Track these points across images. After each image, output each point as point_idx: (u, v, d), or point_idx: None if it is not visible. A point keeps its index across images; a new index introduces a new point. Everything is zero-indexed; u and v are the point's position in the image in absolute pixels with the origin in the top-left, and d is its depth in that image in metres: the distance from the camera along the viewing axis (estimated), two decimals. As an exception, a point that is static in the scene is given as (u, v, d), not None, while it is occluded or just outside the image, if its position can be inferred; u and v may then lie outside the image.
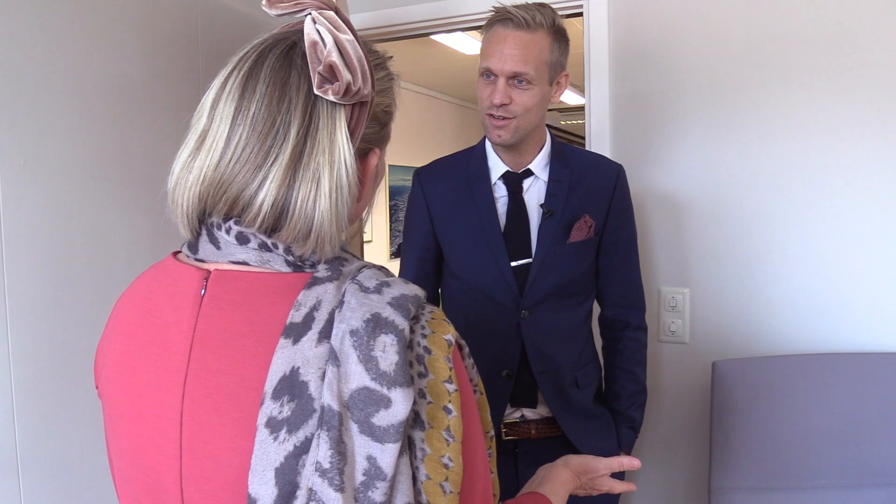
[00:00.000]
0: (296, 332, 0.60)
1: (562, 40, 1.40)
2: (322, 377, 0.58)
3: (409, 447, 0.59)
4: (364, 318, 0.59)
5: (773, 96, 1.73)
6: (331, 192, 0.63)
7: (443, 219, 1.51)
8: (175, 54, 1.61)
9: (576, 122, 7.49)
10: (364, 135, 0.68)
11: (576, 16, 1.93)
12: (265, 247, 0.64)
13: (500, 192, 1.48)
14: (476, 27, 2.02)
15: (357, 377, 0.57)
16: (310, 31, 0.64)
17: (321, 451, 0.56)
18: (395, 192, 5.72)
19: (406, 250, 1.60)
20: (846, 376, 1.54)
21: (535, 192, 1.48)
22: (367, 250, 5.07)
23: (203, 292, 0.65)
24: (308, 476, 0.56)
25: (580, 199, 1.46)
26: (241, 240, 0.65)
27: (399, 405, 0.57)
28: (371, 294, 0.61)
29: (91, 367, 0.88)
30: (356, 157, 0.66)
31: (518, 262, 1.44)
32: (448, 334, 0.63)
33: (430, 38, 3.75)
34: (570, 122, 7.63)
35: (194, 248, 0.69)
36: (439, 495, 0.60)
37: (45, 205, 1.29)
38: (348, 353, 0.58)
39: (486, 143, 1.51)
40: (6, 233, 1.22)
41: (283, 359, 0.59)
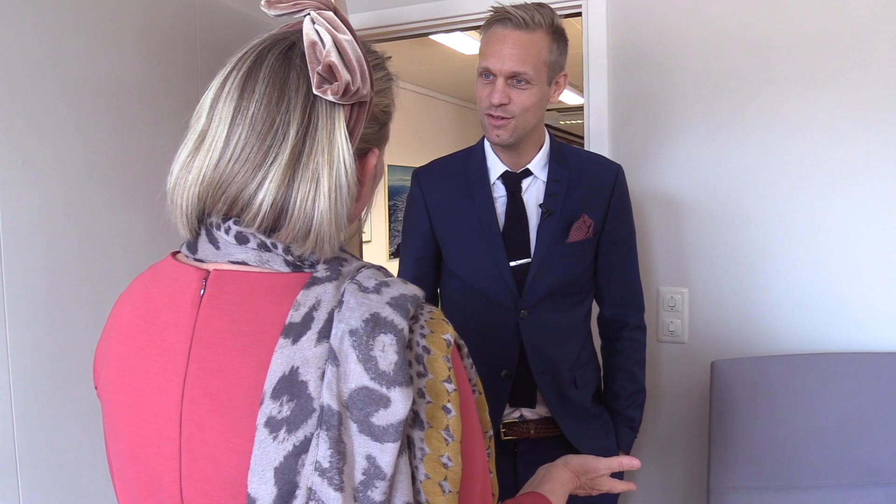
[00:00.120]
0: (295, 332, 0.60)
1: (561, 40, 1.40)
2: (321, 377, 0.58)
3: (409, 447, 0.60)
4: (363, 317, 0.59)
5: (772, 96, 1.73)
6: (330, 192, 0.63)
7: (441, 219, 1.51)
8: (174, 54, 1.61)
9: (575, 122, 7.50)
10: (363, 135, 0.68)
11: (574, 16, 1.93)
12: (264, 247, 0.65)
13: (499, 192, 1.48)
14: (475, 27, 2.02)
15: (356, 377, 0.58)
16: (309, 31, 0.64)
17: (320, 450, 0.56)
18: (394, 192, 5.72)
19: (405, 250, 1.60)
20: (845, 376, 1.55)
21: (533, 192, 1.48)
22: (366, 250, 5.06)
23: (202, 292, 0.65)
24: (307, 475, 0.56)
25: (579, 199, 1.46)
26: (241, 240, 0.65)
27: (398, 405, 0.57)
28: (370, 294, 0.61)
29: (90, 367, 0.88)
30: (355, 157, 0.66)
31: (517, 262, 1.44)
32: (447, 334, 0.64)
33: (429, 38, 3.75)
34: (568, 121, 7.64)
35: (193, 248, 0.69)
36: (438, 495, 0.60)
37: (43, 205, 1.29)
38: (347, 352, 0.58)
39: (485, 142, 1.51)
40: (5, 233, 1.22)
41: (283, 358, 0.59)
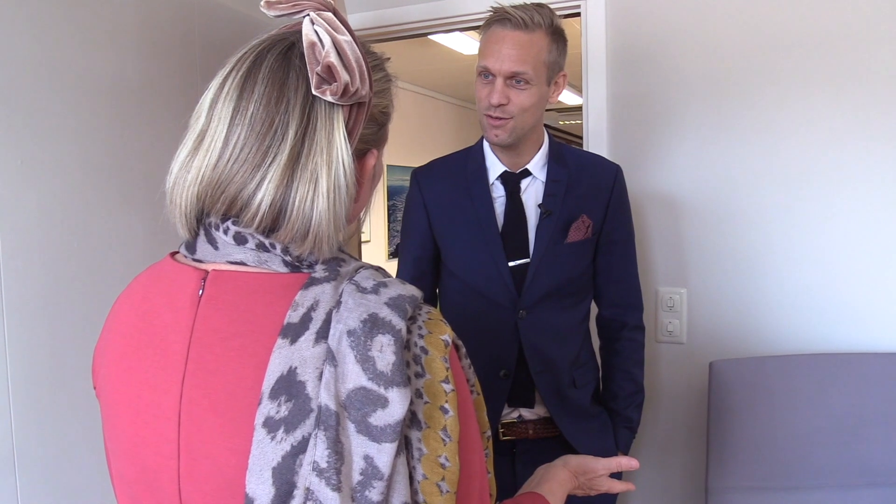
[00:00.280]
0: (293, 333, 0.60)
1: (560, 40, 1.40)
2: (319, 377, 0.58)
3: (406, 447, 0.60)
4: (361, 318, 0.59)
5: (771, 96, 1.73)
6: (328, 193, 0.63)
7: (440, 219, 1.51)
8: (173, 55, 1.61)
9: (574, 123, 7.50)
10: (362, 135, 0.68)
11: (573, 16, 1.93)
12: (263, 247, 0.65)
13: (498, 192, 1.48)
14: (474, 27, 2.02)
15: (354, 377, 0.58)
16: (308, 31, 0.64)
17: (318, 450, 0.56)
18: (393, 192, 5.72)
19: (403, 250, 1.60)
20: (843, 376, 1.55)
21: (532, 193, 1.48)
22: (365, 250, 5.06)
23: (201, 292, 0.65)
24: (305, 475, 0.57)
25: (578, 200, 1.46)
26: (239, 240, 0.65)
27: (396, 405, 0.57)
28: (368, 294, 0.61)
29: (88, 366, 0.88)
30: (354, 157, 0.66)
31: (516, 262, 1.44)
32: (445, 335, 0.64)
33: (428, 38, 3.75)
34: (568, 122, 7.64)
35: (192, 248, 0.69)
36: (436, 495, 0.60)
37: (42, 205, 1.29)
38: (345, 353, 0.58)
39: (484, 143, 1.51)
40: (3, 233, 1.22)
41: (281, 359, 0.59)
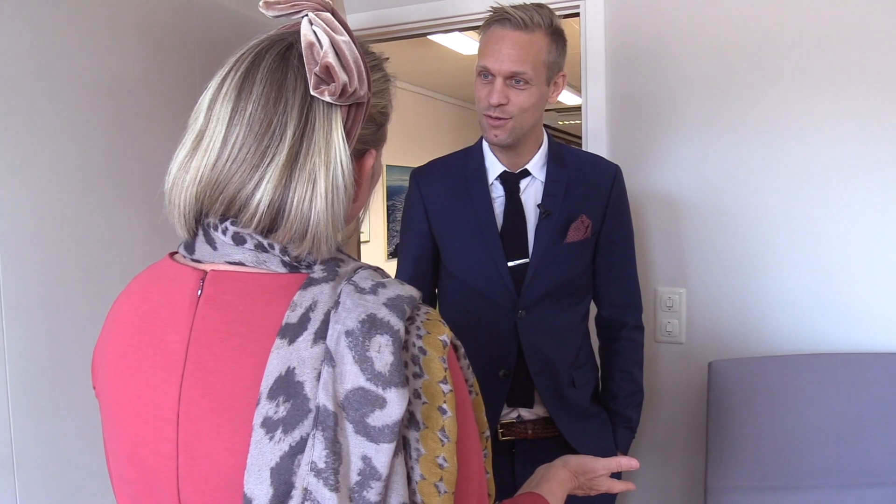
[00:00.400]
0: (291, 333, 0.60)
1: (559, 41, 1.40)
2: (317, 377, 0.58)
3: (404, 447, 0.60)
4: (359, 318, 0.59)
5: (770, 96, 1.73)
6: (327, 193, 0.63)
7: (440, 219, 1.51)
8: (172, 55, 1.61)
9: (573, 123, 7.50)
10: (360, 136, 0.68)
11: (572, 16, 1.93)
12: (261, 247, 0.65)
13: (497, 193, 1.48)
14: (473, 27, 2.02)
15: (352, 377, 0.58)
16: (306, 32, 0.64)
17: (316, 450, 0.56)
18: (392, 193, 5.72)
19: (403, 250, 1.60)
20: (842, 376, 1.55)
21: (532, 193, 1.48)
22: (364, 250, 5.06)
23: (199, 293, 0.66)
24: (303, 476, 0.57)
25: (577, 200, 1.46)
26: (238, 240, 0.65)
27: (394, 405, 0.57)
28: (366, 295, 0.61)
29: (87, 366, 0.88)
30: (352, 157, 0.66)
31: (515, 262, 1.44)
32: (443, 335, 0.64)
33: (428, 38, 3.75)
34: (567, 122, 7.64)
35: (191, 248, 0.69)
36: (434, 495, 0.60)
37: (41, 205, 1.29)
38: (343, 353, 0.58)
39: (484, 143, 1.51)
40: (2, 233, 1.22)
41: (279, 359, 0.59)
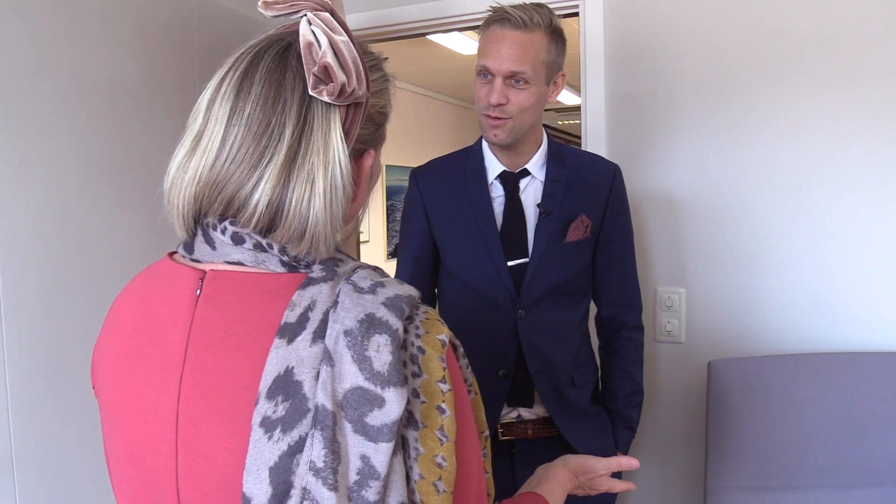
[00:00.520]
0: (290, 332, 0.60)
1: (559, 40, 1.40)
2: (316, 377, 0.58)
3: (403, 446, 0.60)
4: (358, 318, 0.59)
5: (770, 96, 1.73)
6: (325, 193, 0.63)
7: (439, 218, 1.51)
8: (170, 55, 1.61)
9: (572, 122, 7.50)
10: (359, 136, 0.68)
11: (571, 16, 1.93)
12: (260, 247, 0.65)
13: (497, 192, 1.48)
14: (473, 27, 2.02)
15: (351, 377, 0.58)
16: (305, 32, 0.64)
17: (315, 450, 0.56)
18: (392, 192, 5.72)
19: (402, 250, 1.60)
20: (842, 376, 1.55)
21: (531, 192, 1.48)
22: (364, 250, 5.06)
23: (198, 292, 0.66)
24: (302, 475, 0.57)
25: (577, 199, 1.46)
26: (237, 240, 0.65)
27: (393, 405, 0.57)
28: (365, 294, 0.61)
29: (87, 366, 0.88)
30: (351, 157, 0.66)
31: (515, 262, 1.44)
32: (442, 334, 0.64)
33: (427, 38, 3.75)
34: (567, 121, 7.65)
35: (190, 248, 0.69)
36: (433, 494, 0.60)
37: (40, 205, 1.29)
38: (342, 353, 0.58)
39: (483, 142, 1.51)
40: (1, 233, 1.22)
41: (278, 359, 0.59)
